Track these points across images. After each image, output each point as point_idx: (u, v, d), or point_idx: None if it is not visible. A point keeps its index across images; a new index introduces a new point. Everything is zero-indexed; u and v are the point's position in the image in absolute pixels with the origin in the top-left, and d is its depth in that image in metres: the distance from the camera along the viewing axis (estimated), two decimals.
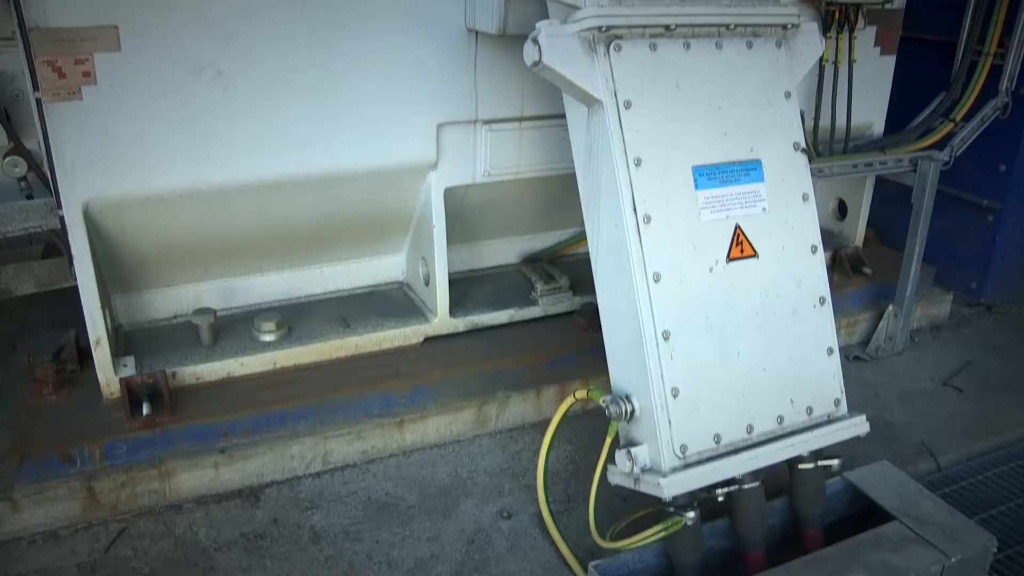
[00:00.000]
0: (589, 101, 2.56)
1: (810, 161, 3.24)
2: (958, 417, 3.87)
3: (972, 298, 5.08)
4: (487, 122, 3.42)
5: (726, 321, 2.63)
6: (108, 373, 3.15)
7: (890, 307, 4.39)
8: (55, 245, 3.59)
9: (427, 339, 3.72)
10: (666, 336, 2.51)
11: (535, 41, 2.45)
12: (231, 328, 3.54)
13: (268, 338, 3.46)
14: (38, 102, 2.79)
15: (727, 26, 2.72)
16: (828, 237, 4.76)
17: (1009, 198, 4.81)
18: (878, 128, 4.41)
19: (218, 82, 2.94)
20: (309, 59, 3.04)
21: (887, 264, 4.62)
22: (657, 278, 2.51)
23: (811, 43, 2.95)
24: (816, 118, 3.99)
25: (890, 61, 4.29)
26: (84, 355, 3.30)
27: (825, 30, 3.79)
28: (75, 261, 3.02)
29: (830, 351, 2.83)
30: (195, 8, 2.84)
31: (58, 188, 2.91)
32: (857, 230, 4.74)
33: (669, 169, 2.57)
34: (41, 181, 3.53)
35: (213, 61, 2.91)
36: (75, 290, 3.07)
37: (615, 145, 2.50)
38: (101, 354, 3.11)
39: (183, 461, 3.07)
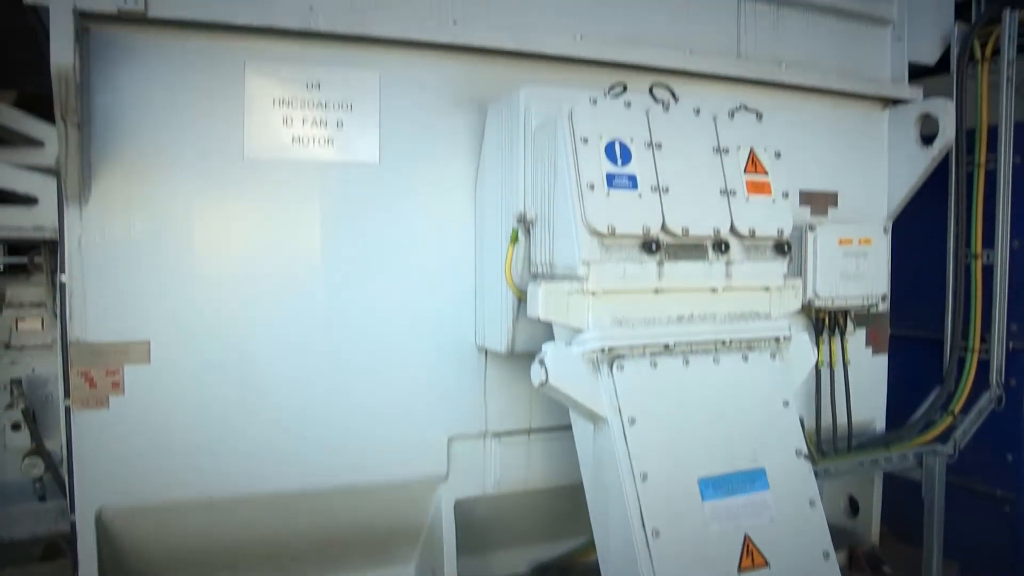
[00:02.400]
0: (595, 419, 2.67)
1: (815, 463, 3.29)
2: None
3: None
4: (497, 434, 3.52)
5: None
6: None
7: None
8: (57, 544, 3.57)
9: None
10: None
11: (541, 363, 2.61)
12: None
13: None
14: (67, 409, 2.92)
15: (723, 342, 2.89)
16: (842, 535, 4.65)
17: (1022, 488, 4.76)
18: (879, 424, 4.49)
19: (240, 391, 3.08)
20: (327, 368, 3.21)
21: (906, 561, 4.48)
22: None
23: (804, 353, 3.11)
24: (817, 419, 4.09)
25: (882, 360, 4.47)
26: None
27: (817, 335, 4.00)
28: (80, 568, 2.98)
29: None
30: (222, 324, 3.05)
31: (73, 493, 2.95)
32: (871, 527, 4.65)
33: (675, 482, 2.62)
34: (56, 484, 3.58)
35: (240, 376, 3.07)
36: None
37: (621, 461, 2.58)
38: None
39: None
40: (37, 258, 4.46)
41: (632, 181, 2.76)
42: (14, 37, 3.67)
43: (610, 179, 2.72)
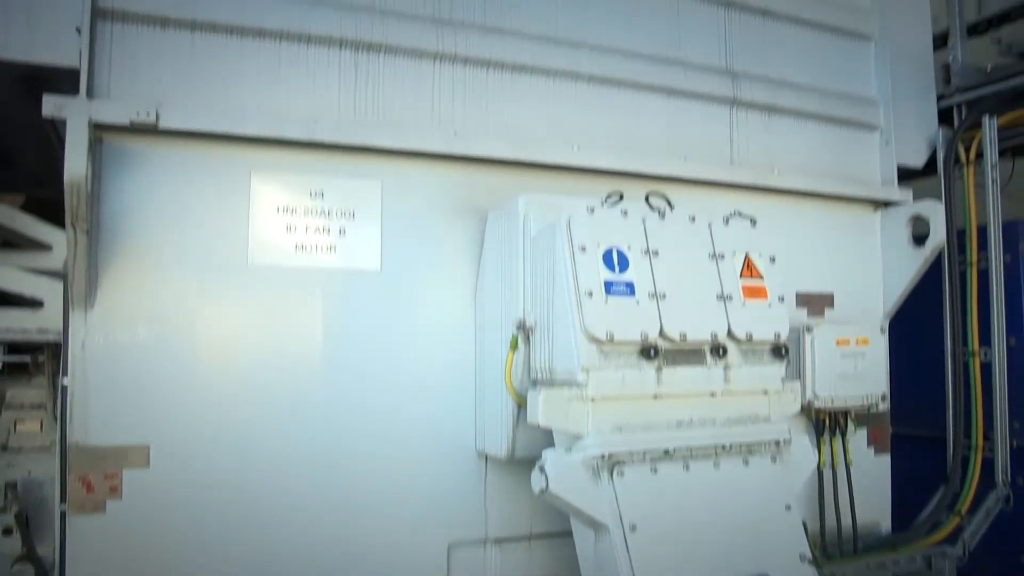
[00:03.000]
0: (596, 526, 2.65)
1: (820, 567, 3.23)
2: None
3: None
4: (497, 541, 3.47)
5: None
6: None
7: None
8: None
9: None
10: None
11: (542, 470, 2.61)
12: None
13: None
14: (62, 514, 2.89)
15: (723, 446, 2.89)
16: None
17: None
18: (885, 525, 4.43)
19: (239, 496, 3.05)
20: (327, 475, 3.18)
21: None
22: None
23: (805, 455, 3.11)
24: (821, 522, 4.04)
25: (885, 460, 4.43)
26: None
27: (818, 436, 3.98)
28: None
29: None
30: (223, 429, 3.04)
31: None
32: None
33: None
34: None
35: (239, 482, 3.05)
36: None
37: (623, 568, 2.55)
38: None
39: None
40: (40, 357, 4.47)
41: (630, 288, 2.81)
42: (25, 145, 3.80)
43: (608, 286, 2.77)
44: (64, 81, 2.86)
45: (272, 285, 3.14)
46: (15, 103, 3.12)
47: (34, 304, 3.78)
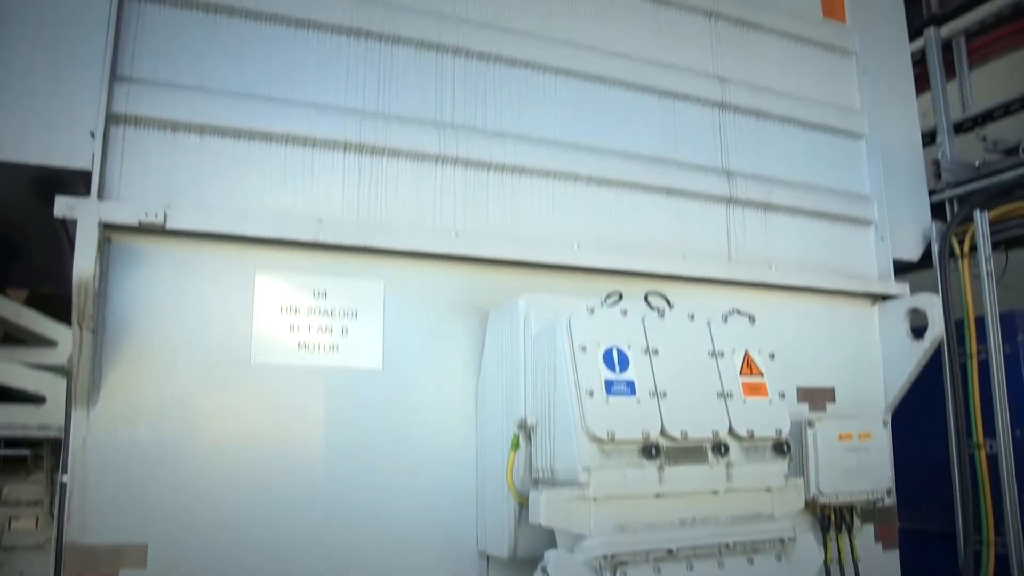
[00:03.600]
0: None
1: None
2: None
3: None
4: None
5: None
6: None
7: None
8: None
9: None
10: None
11: (544, 571, 2.58)
12: None
13: None
14: None
15: (727, 545, 2.85)
16: None
17: None
18: None
19: None
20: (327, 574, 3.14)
21: None
22: None
23: (810, 553, 3.06)
24: None
25: (893, 556, 4.34)
26: None
27: (823, 532, 3.92)
28: None
29: None
30: (221, 528, 3.00)
31: None
32: None
33: None
34: None
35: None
36: None
37: None
38: None
39: None
40: (40, 453, 4.45)
41: (630, 387, 2.82)
42: (34, 241, 3.87)
43: (609, 386, 2.78)
44: (76, 182, 2.95)
45: (274, 384, 3.15)
46: (27, 202, 3.19)
47: (36, 400, 3.79)
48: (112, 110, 3.02)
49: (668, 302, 3.10)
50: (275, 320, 3.17)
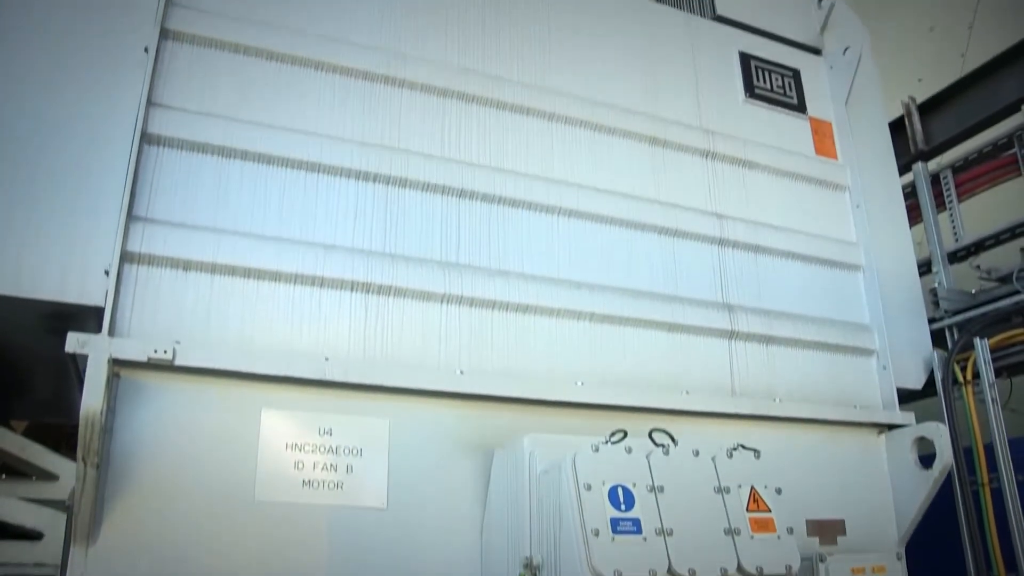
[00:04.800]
0: None
1: None
2: None
3: None
4: None
5: None
6: None
7: None
8: None
9: None
10: None
11: None
12: None
13: None
14: None
15: None
16: None
17: None
18: None
19: None
20: None
21: None
22: None
23: None
24: None
25: None
26: None
27: None
28: None
29: None
30: None
31: None
32: None
33: None
34: None
35: None
36: None
37: None
38: None
39: None
40: None
41: (636, 525, 2.78)
42: (40, 373, 3.90)
43: (614, 524, 2.75)
44: (87, 316, 3.00)
45: (278, 522, 3.10)
46: (36, 334, 3.23)
47: (34, 536, 3.73)
48: (127, 248, 3.10)
49: (672, 439, 3.10)
50: (280, 457, 3.16)
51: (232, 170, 3.42)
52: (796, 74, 5.02)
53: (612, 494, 2.81)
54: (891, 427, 4.42)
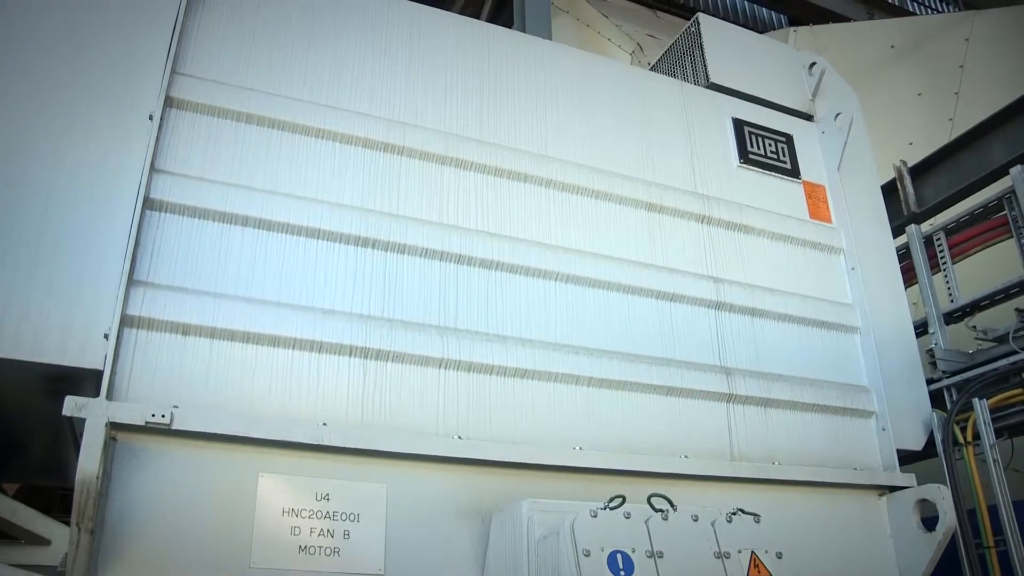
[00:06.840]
0: None
1: None
2: None
3: None
4: None
5: None
6: None
7: None
8: None
9: None
10: None
11: None
12: None
13: None
14: None
15: None
16: None
17: None
18: None
19: None
20: None
21: None
22: None
23: None
24: None
25: None
26: None
27: None
28: None
29: None
30: None
31: None
32: None
33: None
34: None
35: None
36: None
37: None
38: None
39: None
40: None
41: None
42: (35, 435, 3.87)
43: None
44: (84, 379, 3.00)
45: None
46: (31, 395, 3.23)
47: None
48: (127, 312, 3.12)
49: (671, 503, 3.08)
50: (276, 522, 3.13)
51: (233, 235, 3.47)
52: (789, 139, 5.12)
53: (611, 560, 2.79)
54: (892, 489, 4.39)
